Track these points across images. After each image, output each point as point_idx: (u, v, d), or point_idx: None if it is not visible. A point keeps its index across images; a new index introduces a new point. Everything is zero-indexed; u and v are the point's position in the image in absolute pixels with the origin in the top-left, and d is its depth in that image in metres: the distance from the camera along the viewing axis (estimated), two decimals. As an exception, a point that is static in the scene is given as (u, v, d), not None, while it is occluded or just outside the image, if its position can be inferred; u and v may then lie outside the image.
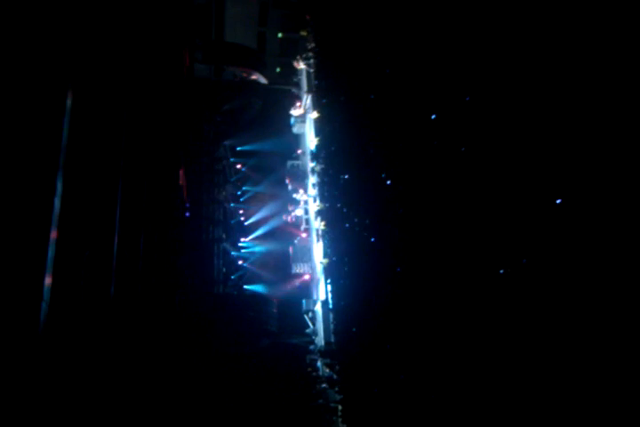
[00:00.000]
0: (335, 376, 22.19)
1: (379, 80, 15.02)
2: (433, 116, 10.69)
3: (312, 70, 31.00)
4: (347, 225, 21.05)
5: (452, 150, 9.82)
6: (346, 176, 21.33)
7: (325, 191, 26.99)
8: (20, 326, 5.50)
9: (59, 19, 4.84)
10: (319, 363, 25.21)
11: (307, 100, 32.32)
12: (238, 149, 35.11)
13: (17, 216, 5.19)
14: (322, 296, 27.83)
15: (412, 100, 12.10)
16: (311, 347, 26.72)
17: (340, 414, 21.56)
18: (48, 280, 5.61)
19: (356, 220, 19.54)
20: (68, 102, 4.81)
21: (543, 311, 7.06)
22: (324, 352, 24.49)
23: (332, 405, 22.23)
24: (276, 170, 34.15)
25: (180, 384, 16.88)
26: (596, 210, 6.31)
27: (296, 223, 33.03)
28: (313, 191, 30.83)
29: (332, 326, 25.53)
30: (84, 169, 5.92)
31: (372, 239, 17.19)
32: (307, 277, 30.70)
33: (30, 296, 5.48)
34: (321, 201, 28.43)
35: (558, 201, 6.87)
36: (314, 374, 24.81)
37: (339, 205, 22.99)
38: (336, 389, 21.85)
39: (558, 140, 6.86)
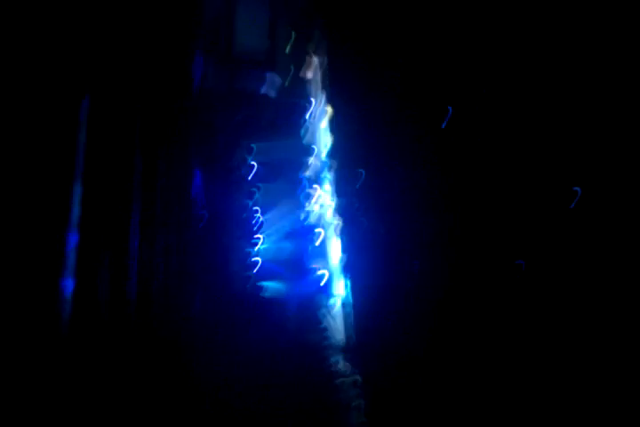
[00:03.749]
0: (356, 372, 22.24)
1: (389, 88, 15.00)
2: (443, 125, 10.69)
3: (320, 80, 30.96)
4: (363, 220, 21.03)
5: (465, 153, 9.80)
6: (362, 171, 21.31)
7: (341, 187, 26.97)
8: (44, 328, 5.58)
9: (70, 37, 4.92)
10: (339, 359, 25.27)
11: (317, 108, 32.30)
12: (252, 145, 35.25)
13: (37, 221, 5.27)
14: (340, 292, 27.87)
15: (424, 105, 12.08)
16: (330, 343, 26.77)
17: (362, 410, 21.58)
18: (70, 283, 5.69)
19: (372, 214, 19.51)
20: (84, 111, 4.90)
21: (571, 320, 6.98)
22: (344, 348, 24.54)
23: (354, 402, 22.27)
24: (291, 167, 34.23)
25: (200, 388, 17.00)
26: (613, 215, 6.24)
27: (312, 219, 33.08)
28: (329, 187, 30.85)
29: (351, 322, 25.56)
30: (101, 174, 6.00)
31: (389, 234, 17.15)
32: (324, 272, 30.75)
33: (53, 299, 5.56)
34: (337, 197, 28.42)
35: (572, 205, 6.81)
36: (333, 370, 24.88)
37: (355, 201, 22.97)
38: (357, 384, 21.89)
39: (569, 144, 6.80)
